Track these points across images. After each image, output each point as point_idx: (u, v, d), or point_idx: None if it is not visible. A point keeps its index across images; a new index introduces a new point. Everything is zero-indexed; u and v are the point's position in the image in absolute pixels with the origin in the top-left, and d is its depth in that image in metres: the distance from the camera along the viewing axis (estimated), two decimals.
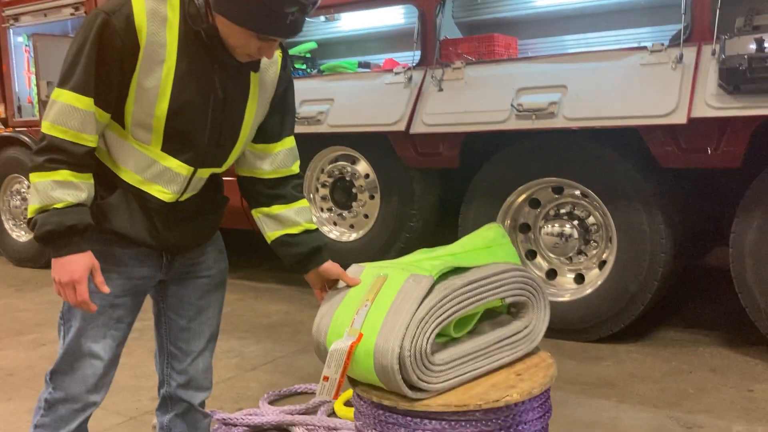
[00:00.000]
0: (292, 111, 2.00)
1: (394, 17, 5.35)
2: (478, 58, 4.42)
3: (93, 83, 1.66)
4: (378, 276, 1.82)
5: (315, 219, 4.97)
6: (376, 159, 4.84)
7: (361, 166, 4.96)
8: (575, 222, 4.11)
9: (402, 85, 4.44)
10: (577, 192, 4.10)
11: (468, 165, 4.38)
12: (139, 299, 1.94)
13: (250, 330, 4.54)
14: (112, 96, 1.69)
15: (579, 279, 4.18)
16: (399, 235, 4.80)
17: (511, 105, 3.92)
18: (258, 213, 1.99)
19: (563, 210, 4.18)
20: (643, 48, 3.73)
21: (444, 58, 4.46)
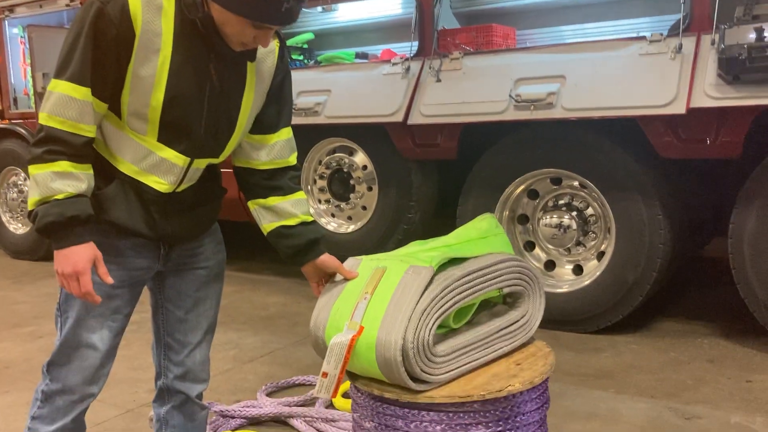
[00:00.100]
0: (289, 102, 1.99)
1: (391, 7, 5.31)
2: (476, 48, 4.40)
3: (90, 73, 1.64)
4: (376, 268, 1.80)
5: (312, 211, 4.97)
6: (373, 150, 4.83)
7: (359, 157, 4.94)
8: (574, 213, 4.10)
9: (399, 76, 4.42)
10: (576, 183, 4.09)
11: (466, 156, 4.37)
12: (137, 290, 1.94)
13: (247, 322, 4.54)
14: (108, 85, 1.68)
15: (577, 270, 4.17)
16: (397, 227, 4.80)
17: (510, 95, 3.90)
18: (254, 204, 1.98)
19: (562, 201, 4.17)
20: (642, 38, 3.71)
21: (442, 48, 4.44)
